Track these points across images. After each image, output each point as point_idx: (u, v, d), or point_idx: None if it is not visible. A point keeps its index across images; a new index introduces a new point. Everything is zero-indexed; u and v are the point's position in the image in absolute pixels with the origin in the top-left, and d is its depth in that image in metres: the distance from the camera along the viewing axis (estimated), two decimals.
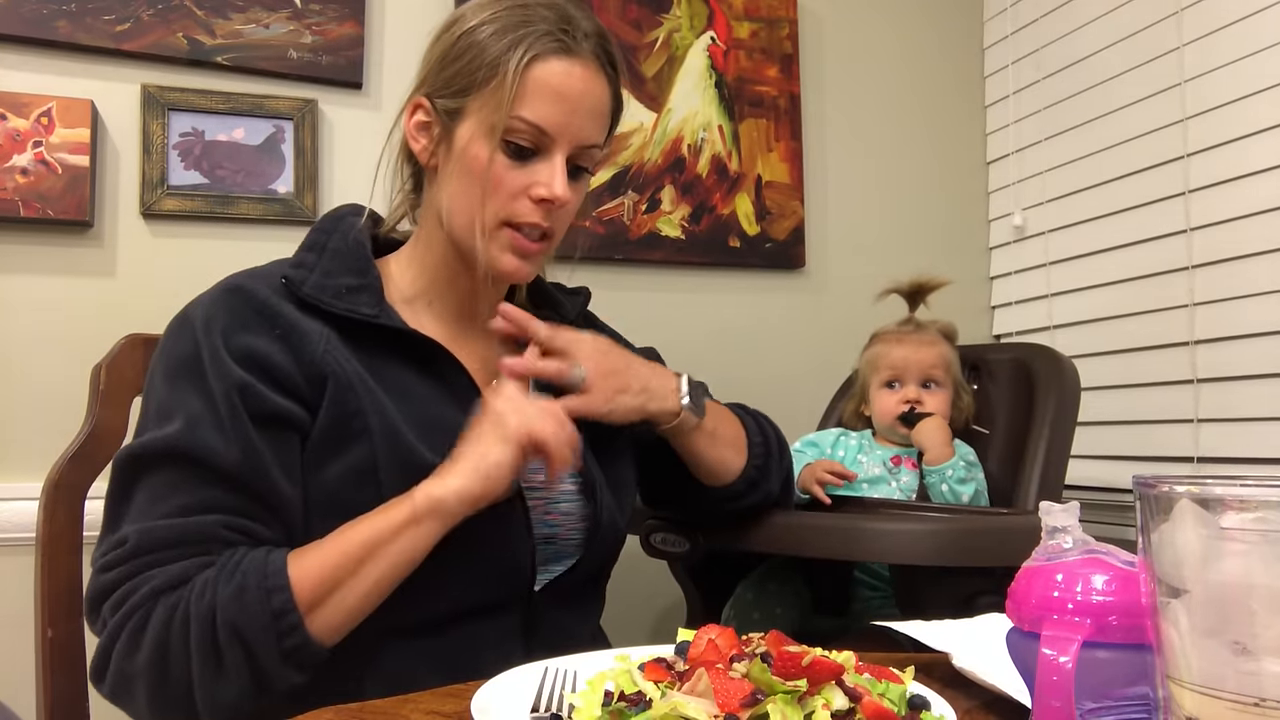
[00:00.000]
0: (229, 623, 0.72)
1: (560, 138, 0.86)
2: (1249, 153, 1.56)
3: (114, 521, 0.79)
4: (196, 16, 1.53)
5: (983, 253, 2.16)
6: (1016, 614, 0.55)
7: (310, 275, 0.86)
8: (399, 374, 0.86)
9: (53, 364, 1.42)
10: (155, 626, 0.72)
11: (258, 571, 0.74)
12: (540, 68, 0.84)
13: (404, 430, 0.83)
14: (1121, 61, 1.81)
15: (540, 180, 0.86)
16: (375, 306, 0.86)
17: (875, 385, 1.55)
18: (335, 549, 0.77)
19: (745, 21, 1.94)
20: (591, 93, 0.88)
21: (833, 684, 0.55)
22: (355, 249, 0.90)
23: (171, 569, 0.74)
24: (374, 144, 1.65)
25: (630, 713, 0.54)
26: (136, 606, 0.73)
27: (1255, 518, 0.40)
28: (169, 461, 0.77)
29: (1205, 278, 1.64)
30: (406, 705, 0.66)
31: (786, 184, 1.95)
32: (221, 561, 0.75)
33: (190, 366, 0.80)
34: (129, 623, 0.73)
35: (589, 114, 0.88)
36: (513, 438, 0.79)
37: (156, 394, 0.82)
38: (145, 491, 0.78)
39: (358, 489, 0.81)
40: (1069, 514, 0.56)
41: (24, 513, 1.32)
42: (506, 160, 0.86)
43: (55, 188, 1.41)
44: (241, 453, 0.77)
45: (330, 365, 0.82)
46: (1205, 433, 1.64)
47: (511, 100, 0.84)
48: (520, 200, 0.87)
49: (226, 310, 0.83)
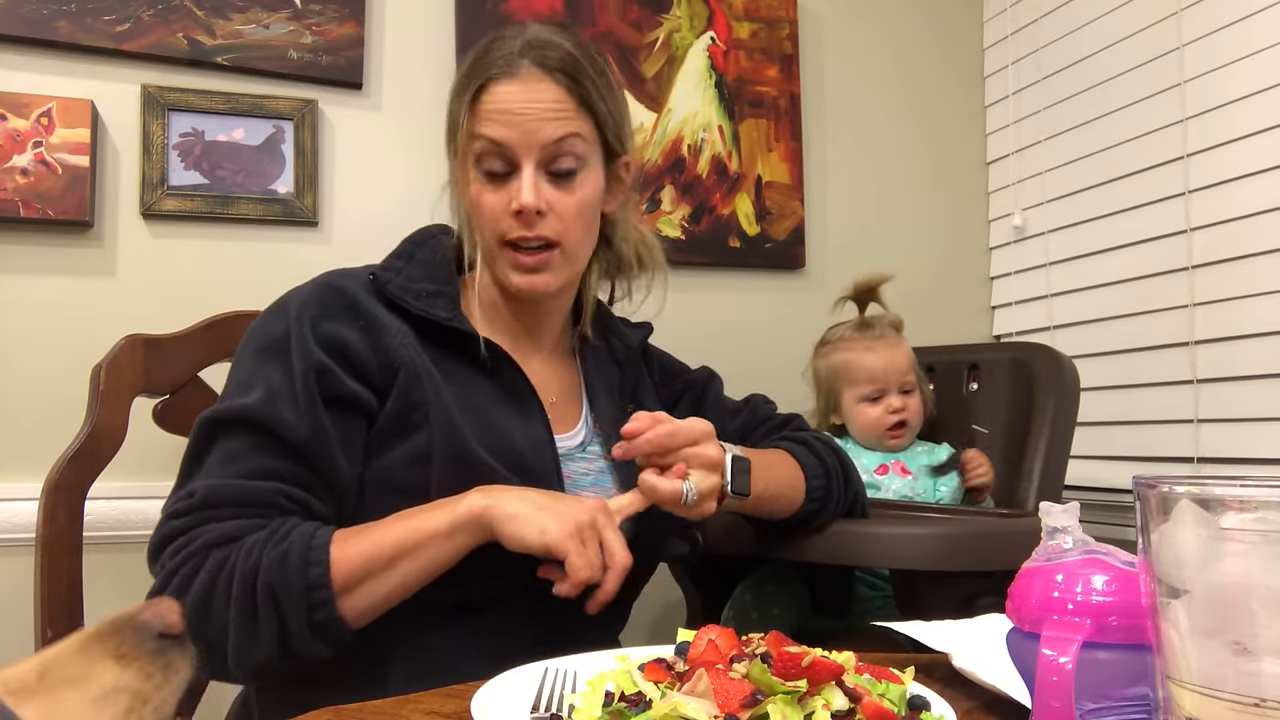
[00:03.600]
0: (268, 585, 0.77)
1: (521, 148, 0.93)
2: (1249, 153, 1.56)
3: (186, 477, 0.85)
4: (196, 16, 1.52)
5: (983, 253, 2.16)
6: (1016, 614, 0.55)
7: (396, 277, 0.95)
8: (466, 374, 0.94)
9: (53, 364, 1.42)
10: (204, 576, 0.78)
11: (303, 543, 0.78)
12: (485, 96, 0.94)
13: (460, 424, 0.89)
14: (1121, 61, 1.81)
15: (512, 193, 0.94)
16: (450, 311, 0.94)
17: (852, 398, 1.53)
18: (376, 540, 0.81)
19: (745, 22, 1.94)
20: (536, 99, 0.93)
21: (833, 684, 0.55)
22: (440, 262, 0.99)
23: (227, 525, 0.80)
24: (374, 144, 1.67)
25: (630, 713, 0.54)
26: (191, 555, 0.79)
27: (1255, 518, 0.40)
28: (244, 427, 0.83)
29: (1205, 278, 1.64)
30: (406, 705, 0.66)
31: (786, 184, 1.95)
32: (273, 526, 0.80)
33: (278, 345, 0.87)
34: (183, 569, 0.78)
35: (540, 117, 0.93)
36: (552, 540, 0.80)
37: (244, 366, 0.88)
38: (219, 452, 0.84)
39: (411, 471, 0.88)
40: (1069, 514, 0.56)
41: (24, 513, 1.32)
42: (486, 185, 0.95)
43: (55, 188, 1.41)
44: (310, 429, 0.84)
45: (403, 357, 0.90)
46: (1205, 433, 1.64)
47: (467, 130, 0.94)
48: (505, 218, 0.94)
49: (318, 300, 0.91)
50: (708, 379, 1.21)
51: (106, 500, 1.37)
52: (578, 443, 1.02)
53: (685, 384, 1.19)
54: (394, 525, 0.83)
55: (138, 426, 1.07)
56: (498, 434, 0.92)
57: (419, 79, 1.68)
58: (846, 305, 1.62)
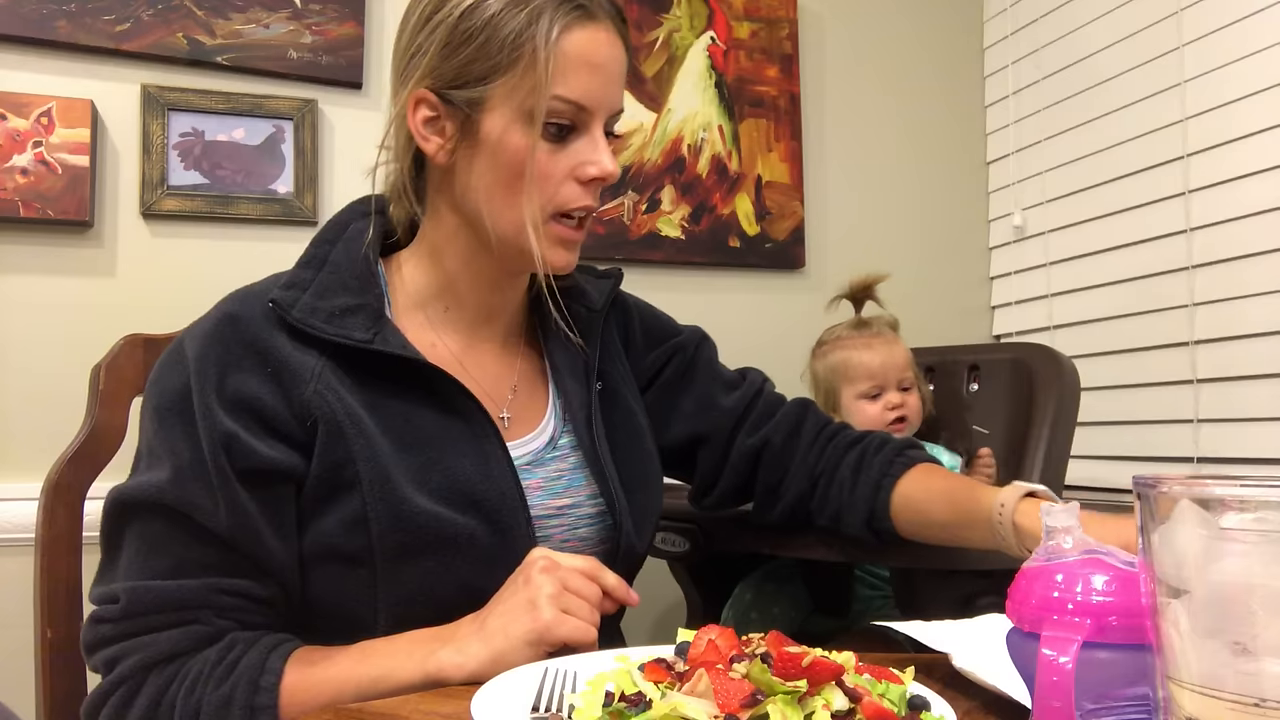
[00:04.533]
0: None
1: (598, 109, 0.80)
2: (1249, 153, 1.56)
3: (108, 565, 0.77)
4: (196, 16, 1.53)
5: (983, 253, 2.16)
6: (1016, 614, 0.55)
7: (302, 296, 0.80)
8: (399, 404, 0.80)
9: (53, 364, 1.42)
10: (141, 704, 0.71)
11: (248, 684, 0.70)
12: (569, 40, 0.77)
13: (397, 479, 0.77)
14: (1121, 61, 1.81)
15: (587, 159, 0.81)
16: (370, 329, 0.79)
17: (851, 396, 1.53)
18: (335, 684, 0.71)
19: (745, 21, 1.94)
20: (618, 57, 0.81)
21: (833, 684, 0.55)
22: (358, 260, 0.83)
23: (161, 640, 0.72)
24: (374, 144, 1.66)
25: (630, 713, 0.53)
26: (125, 677, 0.72)
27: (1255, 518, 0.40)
28: (159, 513, 0.74)
29: (1205, 278, 1.64)
30: (406, 705, 0.65)
31: (786, 184, 1.95)
32: (219, 653, 0.72)
33: (179, 406, 0.75)
34: (118, 690, 0.72)
35: (619, 77, 0.82)
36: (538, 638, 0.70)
37: (147, 432, 0.78)
38: (135, 541, 0.75)
39: (350, 537, 0.77)
40: (1069, 514, 0.56)
41: (24, 513, 1.32)
42: (548, 145, 0.79)
43: (55, 188, 1.41)
44: (229, 514, 0.73)
45: (320, 407, 0.76)
46: (1205, 433, 1.64)
47: (550, 80, 0.76)
48: (568, 184, 0.81)
49: (220, 344, 0.77)
50: (699, 341, 1.07)
51: None
52: (545, 440, 0.90)
53: (674, 348, 1.04)
54: (356, 668, 0.72)
55: (138, 426, 1.07)
56: (442, 473, 0.79)
57: None
58: (842, 306, 1.62)
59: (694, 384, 1.04)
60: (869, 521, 0.98)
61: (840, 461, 1.01)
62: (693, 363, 1.05)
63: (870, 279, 1.58)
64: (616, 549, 0.90)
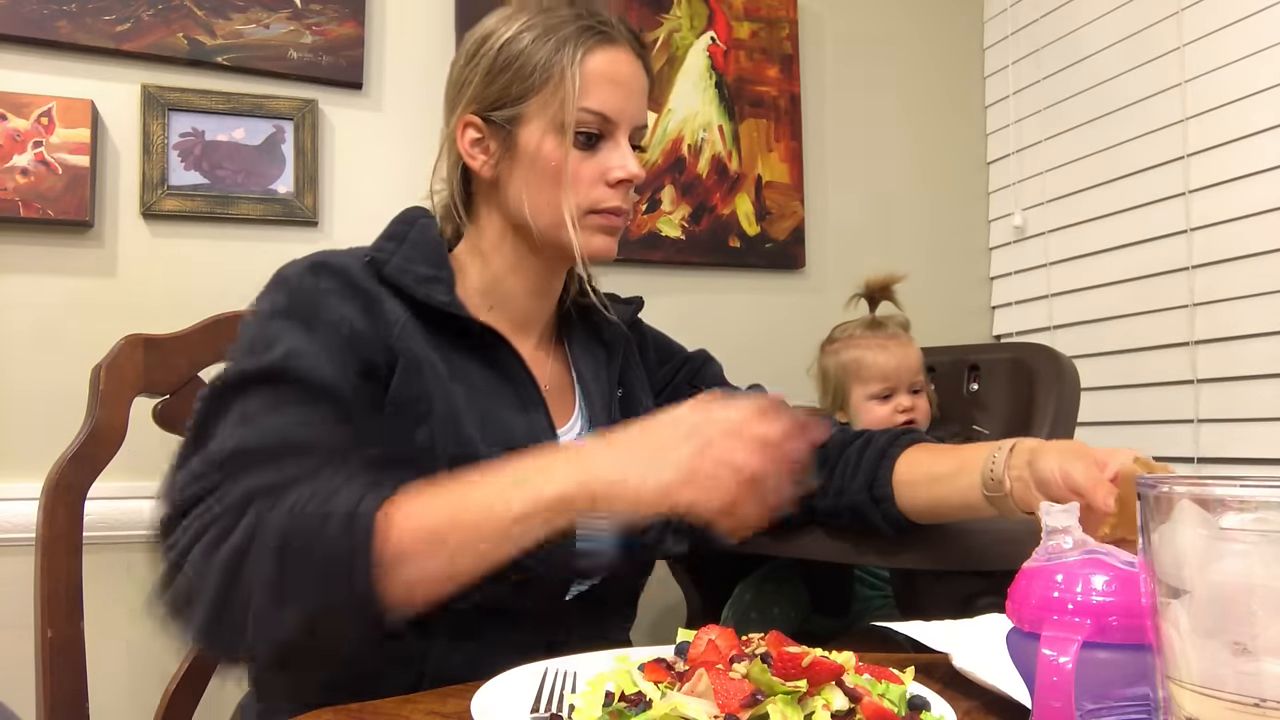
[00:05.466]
0: (303, 546, 0.65)
1: (621, 120, 0.91)
2: (1249, 153, 1.56)
3: (198, 443, 0.74)
4: (196, 16, 1.53)
5: (983, 253, 2.16)
6: (1016, 614, 0.55)
7: (391, 259, 0.89)
8: (464, 363, 0.89)
9: (53, 364, 1.42)
10: (240, 532, 0.67)
11: (351, 502, 0.67)
12: (592, 60, 0.89)
13: (463, 418, 0.85)
14: (1121, 61, 1.81)
15: (614, 164, 0.91)
16: (448, 296, 0.89)
17: (861, 396, 1.52)
18: (441, 510, 0.69)
19: (745, 21, 1.94)
20: (637, 74, 0.94)
21: (833, 684, 0.55)
22: (433, 243, 0.93)
23: (269, 474, 0.70)
24: (374, 144, 1.66)
25: (630, 713, 0.54)
26: (227, 510, 0.68)
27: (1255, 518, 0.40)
28: (267, 383, 0.75)
29: (1205, 278, 1.64)
30: (406, 705, 0.66)
31: (786, 184, 1.95)
32: (325, 477, 0.70)
33: (292, 310, 0.81)
34: (214, 527, 0.68)
35: (640, 93, 0.94)
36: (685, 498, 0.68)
37: (250, 333, 0.81)
38: (237, 413, 0.74)
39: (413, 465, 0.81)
40: (1069, 514, 0.56)
41: (24, 513, 1.32)
42: (578, 153, 0.90)
43: (55, 188, 1.41)
44: (343, 377, 0.77)
45: (403, 345, 0.84)
46: (1205, 433, 1.64)
47: (577, 94, 0.88)
48: (598, 187, 0.92)
49: (322, 274, 0.85)
50: (706, 358, 1.18)
51: (106, 500, 1.37)
52: (574, 434, 0.98)
53: (683, 361, 1.15)
54: (464, 494, 0.70)
55: (138, 426, 1.07)
56: (501, 427, 0.87)
57: (419, 79, 1.68)
58: (855, 304, 1.61)
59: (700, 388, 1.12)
60: (870, 486, 1.00)
61: (847, 447, 1.06)
62: (701, 372, 1.15)
63: (889, 279, 1.57)
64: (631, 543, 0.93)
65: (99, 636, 1.05)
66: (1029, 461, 0.83)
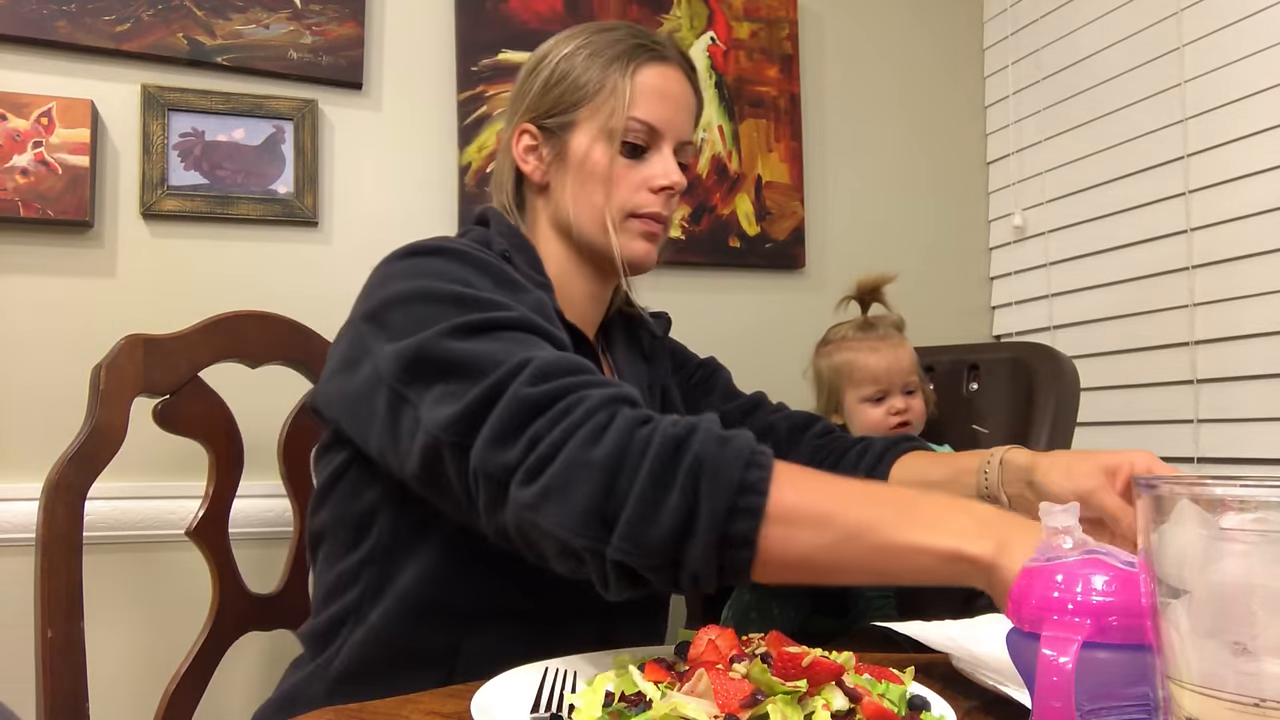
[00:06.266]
0: (699, 459, 0.65)
1: (667, 132, 0.97)
2: (1249, 153, 1.56)
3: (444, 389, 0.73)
4: (196, 17, 1.53)
5: (983, 253, 2.16)
6: (1016, 614, 0.55)
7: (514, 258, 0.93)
8: None
9: (53, 364, 1.42)
10: (620, 426, 0.67)
11: (747, 442, 0.67)
12: (643, 74, 0.95)
13: None
14: (1121, 61, 1.81)
15: (657, 172, 0.96)
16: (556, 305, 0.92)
17: (854, 399, 1.51)
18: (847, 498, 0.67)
19: (745, 21, 1.94)
20: (686, 91, 0.99)
21: (833, 684, 0.55)
22: (530, 249, 0.97)
23: (612, 388, 0.70)
24: (374, 144, 1.66)
25: (630, 713, 0.54)
26: (600, 406, 0.68)
27: (1255, 518, 0.40)
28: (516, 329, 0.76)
29: (1205, 278, 1.64)
30: (407, 705, 0.66)
31: (786, 184, 1.95)
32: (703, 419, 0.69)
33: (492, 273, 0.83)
34: (592, 419, 0.67)
35: (687, 110, 0.99)
36: None
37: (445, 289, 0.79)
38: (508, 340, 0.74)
39: None
40: (1069, 514, 0.56)
41: (24, 513, 1.32)
42: (624, 160, 0.95)
43: (55, 188, 1.41)
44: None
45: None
46: (1205, 433, 1.64)
47: (628, 104, 0.94)
48: (641, 193, 0.96)
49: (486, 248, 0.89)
50: (717, 365, 1.24)
51: (106, 500, 1.37)
52: None
53: (698, 366, 1.22)
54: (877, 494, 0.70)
55: (138, 426, 1.07)
56: None
57: (419, 79, 1.68)
58: (846, 306, 1.61)
59: (715, 389, 1.20)
60: None
61: (846, 451, 1.10)
62: (714, 375, 1.22)
63: (878, 280, 1.57)
64: None
65: (99, 636, 1.05)
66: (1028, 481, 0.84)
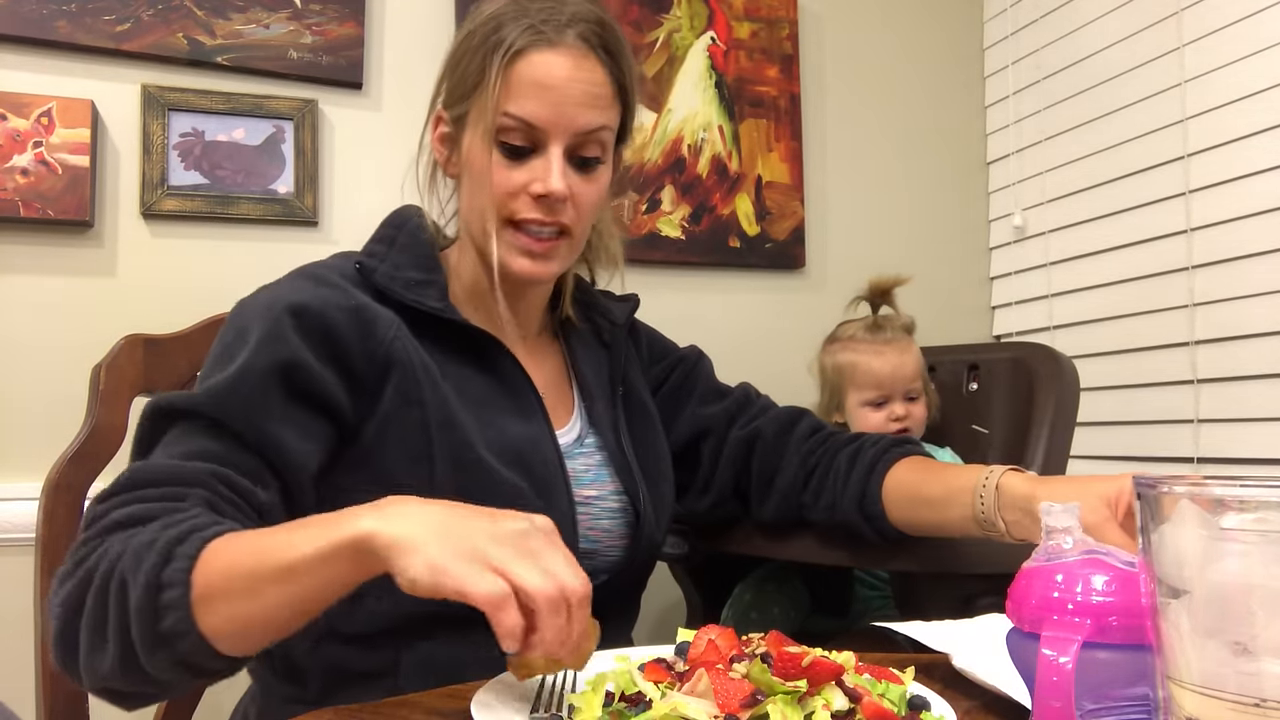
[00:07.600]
0: (121, 575, 0.62)
1: (552, 130, 0.85)
2: (1249, 153, 1.56)
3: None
4: (196, 16, 1.53)
5: (983, 253, 2.16)
6: (1016, 614, 0.55)
7: (381, 265, 0.88)
8: (458, 368, 0.88)
9: (53, 364, 1.42)
10: (89, 563, 0.65)
11: (178, 535, 0.63)
12: (521, 63, 0.84)
13: (461, 423, 0.84)
14: (1121, 61, 1.81)
15: (537, 176, 0.86)
16: (441, 300, 0.88)
17: (856, 401, 1.51)
18: (245, 549, 0.63)
19: (745, 21, 1.94)
20: (578, 79, 0.85)
21: (833, 684, 0.55)
22: (423, 246, 0.92)
23: (137, 506, 0.67)
24: (374, 144, 1.66)
25: (630, 713, 0.54)
26: (90, 539, 0.67)
27: (1255, 518, 0.40)
28: (194, 419, 0.75)
29: (1205, 278, 1.64)
30: (406, 706, 0.65)
31: (786, 184, 1.95)
32: (178, 510, 0.67)
33: (252, 333, 0.79)
34: (78, 552, 0.67)
35: (579, 101, 0.86)
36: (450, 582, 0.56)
37: (215, 352, 0.81)
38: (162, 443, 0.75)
39: (410, 475, 0.82)
40: (1069, 514, 0.56)
41: (24, 513, 1.32)
42: (504, 160, 0.86)
43: (55, 188, 1.41)
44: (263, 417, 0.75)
45: (398, 353, 0.83)
46: (1205, 433, 1.64)
47: (497, 99, 0.84)
48: (519, 198, 0.87)
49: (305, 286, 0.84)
50: (699, 356, 1.16)
51: None
52: (574, 437, 0.97)
53: (677, 360, 1.13)
54: (271, 535, 0.64)
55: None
56: (498, 432, 0.86)
57: (419, 79, 1.67)
58: (856, 306, 1.61)
59: (695, 388, 1.13)
60: (861, 503, 0.99)
61: (836, 455, 1.04)
62: (694, 371, 1.13)
63: (891, 281, 1.56)
64: (638, 539, 0.95)
65: None
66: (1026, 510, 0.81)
